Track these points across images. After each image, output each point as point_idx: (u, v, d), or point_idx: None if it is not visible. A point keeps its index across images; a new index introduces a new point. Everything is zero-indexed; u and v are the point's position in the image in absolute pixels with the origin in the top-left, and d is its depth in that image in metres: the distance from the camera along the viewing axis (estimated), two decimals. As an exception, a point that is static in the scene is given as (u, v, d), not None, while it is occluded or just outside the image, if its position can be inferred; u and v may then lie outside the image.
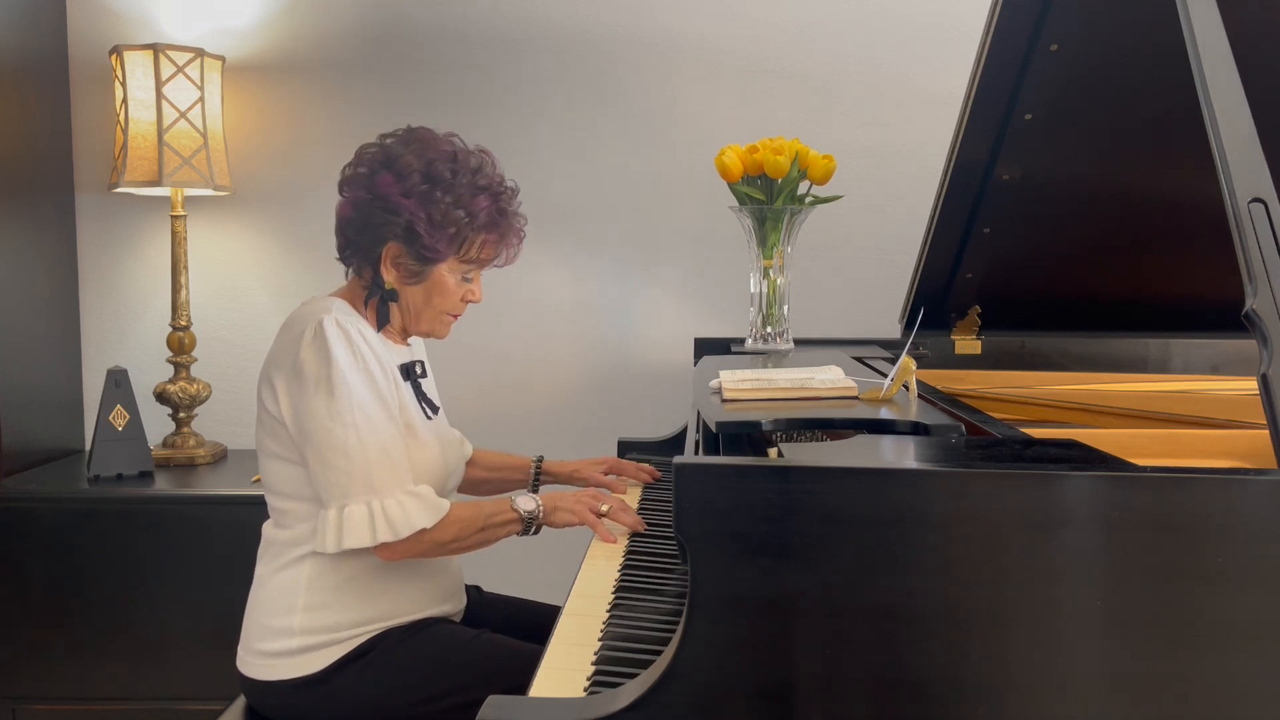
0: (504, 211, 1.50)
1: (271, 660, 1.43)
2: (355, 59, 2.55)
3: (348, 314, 1.45)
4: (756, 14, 2.53)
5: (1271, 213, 1.05)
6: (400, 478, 1.39)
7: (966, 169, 1.79)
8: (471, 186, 1.46)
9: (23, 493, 2.21)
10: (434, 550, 1.42)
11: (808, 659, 0.91)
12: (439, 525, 1.40)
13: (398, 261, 1.47)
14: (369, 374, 1.39)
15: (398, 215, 1.43)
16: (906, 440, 1.15)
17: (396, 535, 1.36)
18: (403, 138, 1.49)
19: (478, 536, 1.45)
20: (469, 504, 1.47)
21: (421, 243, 1.44)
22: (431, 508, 1.40)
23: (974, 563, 0.90)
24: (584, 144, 2.57)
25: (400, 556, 1.41)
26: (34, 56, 2.41)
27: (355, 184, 1.48)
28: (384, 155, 1.47)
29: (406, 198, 1.43)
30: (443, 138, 1.50)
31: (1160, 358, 2.03)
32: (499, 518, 1.46)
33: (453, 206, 1.44)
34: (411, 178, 1.44)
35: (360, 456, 1.36)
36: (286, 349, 1.41)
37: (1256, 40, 1.26)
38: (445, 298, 1.50)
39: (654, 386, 2.60)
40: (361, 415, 1.37)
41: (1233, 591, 0.90)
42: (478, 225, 1.47)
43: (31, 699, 2.22)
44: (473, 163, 1.48)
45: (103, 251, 2.59)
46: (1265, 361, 0.99)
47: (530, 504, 1.47)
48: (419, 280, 1.48)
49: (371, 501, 1.36)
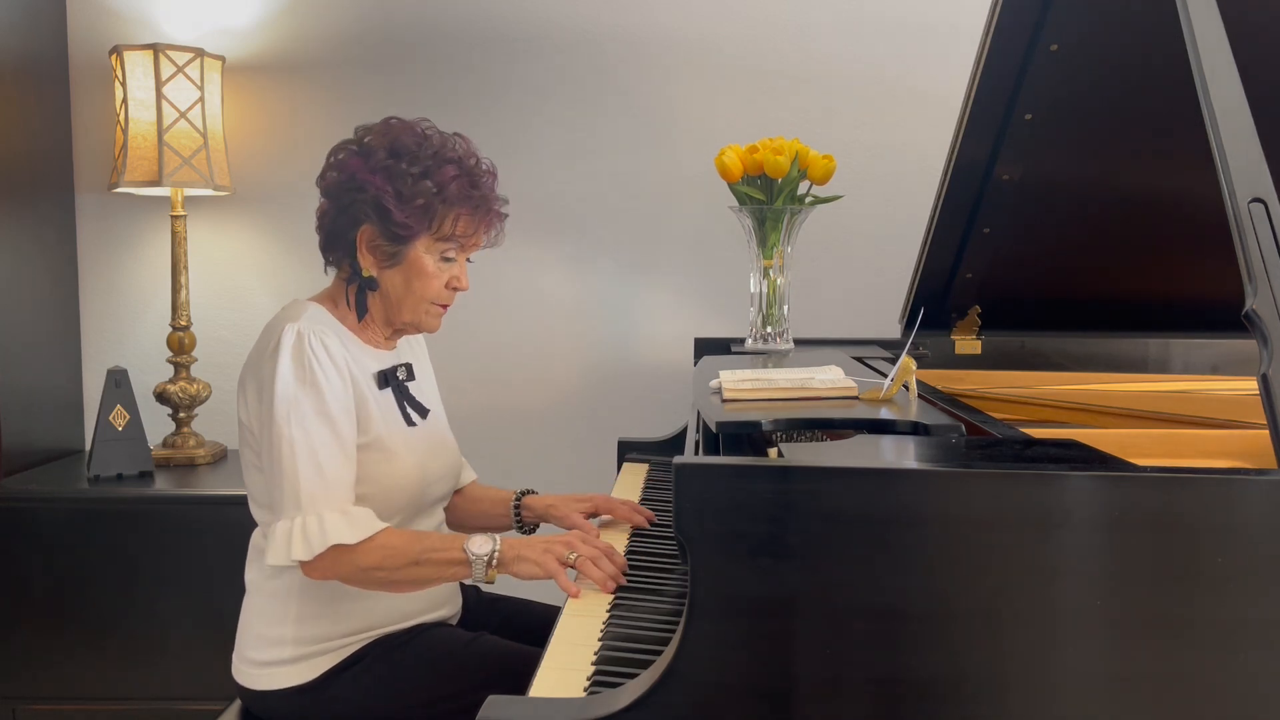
0: (475, 184, 1.46)
1: (265, 669, 1.42)
2: (355, 59, 2.55)
3: (320, 321, 1.43)
4: (756, 14, 2.53)
5: (1271, 213, 1.05)
6: (332, 496, 1.34)
7: (966, 169, 1.78)
8: (437, 158, 1.44)
9: (23, 493, 2.21)
10: (357, 576, 1.34)
11: (807, 659, 0.91)
12: (363, 547, 1.32)
13: (373, 245, 1.44)
14: (316, 387, 1.35)
15: (364, 191, 1.41)
16: (906, 440, 1.14)
17: (311, 552, 1.31)
18: (376, 127, 1.48)
19: (412, 571, 1.34)
20: (410, 532, 1.40)
21: (392, 219, 1.41)
22: (357, 526, 1.33)
23: (974, 563, 0.90)
24: (584, 144, 2.57)
25: (321, 576, 1.35)
26: (34, 56, 2.41)
27: (326, 172, 1.48)
28: (355, 144, 1.47)
29: (373, 174, 1.41)
30: (414, 122, 1.48)
31: (1160, 358, 2.02)
32: (440, 554, 1.34)
33: (419, 178, 1.42)
34: (377, 154, 1.43)
35: (291, 472, 1.33)
36: (256, 357, 1.41)
37: (1256, 40, 1.26)
38: (425, 281, 1.46)
39: (654, 386, 2.60)
40: (299, 429, 1.33)
41: (1233, 591, 0.90)
42: (447, 197, 1.43)
43: (31, 699, 2.22)
44: (439, 139, 1.47)
45: (103, 251, 2.59)
46: (1265, 361, 0.99)
47: (484, 546, 1.34)
48: (395, 262, 1.45)
49: (295, 518, 1.32)
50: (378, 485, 1.43)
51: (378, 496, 1.44)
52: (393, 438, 1.46)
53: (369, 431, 1.43)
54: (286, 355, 1.36)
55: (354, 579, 1.36)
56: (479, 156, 1.50)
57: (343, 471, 1.36)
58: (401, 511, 1.48)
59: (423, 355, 1.67)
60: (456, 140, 1.49)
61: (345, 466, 1.37)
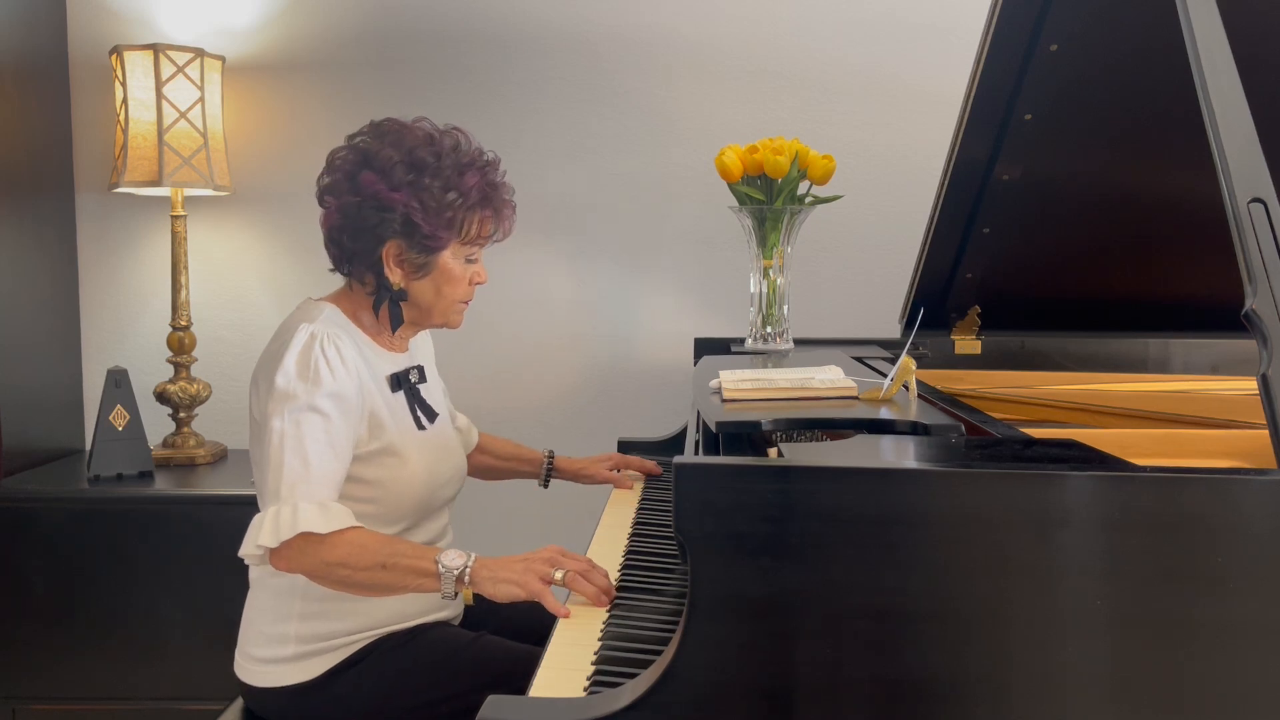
0: (493, 184, 1.47)
1: (267, 667, 1.42)
2: (355, 59, 2.55)
3: (335, 323, 1.42)
4: (756, 14, 2.53)
5: (1271, 213, 1.05)
6: (313, 488, 1.30)
7: (966, 169, 1.78)
8: (456, 166, 1.43)
9: (23, 493, 2.20)
10: (321, 570, 1.29)
11: (807, 659, 0.91)
12: (331, 539, 1.28)
13: (401, 259, 1.44)
14: (315, 384, 1.33)
15: (391, 211, 1.40)
16: (906, 440, 1.15)
17: (278, 538, 1.27)
18: (372, 133, 1.45)
19: (377, 574, 1.29)
20: (383, 536, 1.35)
21: (421, 233, 1.41)
22: (330, 517, 1.29)
23: (974, 563, 0.90)
24: (584, 144, 2.57)
25: (287, 568, 1.31)
26: (34, 56, 2.41)
27: (337, 190, 1.44)
28: (359, 155, 1.44)
29: (396, 191, 1.40)
30: (412, 124, 1.46)
31: (1160, 358, 2.03)
32: (409, 561, 1.29)
33: (443, 190, 1.41)
34: (395, 170, 1.40)
35: (277, 462, 1.31)
36: (271, 357, 1.39)
37: (1256, 40, 1.26)
38: (454, 285, 1.48)
39: (654, 386, 2.60)
40: (291, 422, 1.32)
41: (1233, 591, 0.90)
42: (471, 203, 1.44)
43: (31, 699, 2.22)
44: (449, 142, 1.45)
45: (103, 251, 2.59)
46: (1265, 361, 0.99)
47: (456, 560, 1.28)
48: (425, 273, 1.45)
49: (270, 508, 1.30)
50: (387, 490, 1.43)
51: (386, 500, 1.44)
52: (405, 442, 1.46)
53: (382, 437, 1.43)
54: (293, 353, 1.35)
55: (318, 573, 1.31)
56: (484, 151, 1.50)
57: (329, 467, 1.34)
58: (409, 516, 1.48)
59: (430, 358, 1.67)
60: (459, 137, 1.48)
61: (333, 463, 1.34)
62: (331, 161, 1.46)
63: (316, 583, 1.34)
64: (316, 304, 1.47)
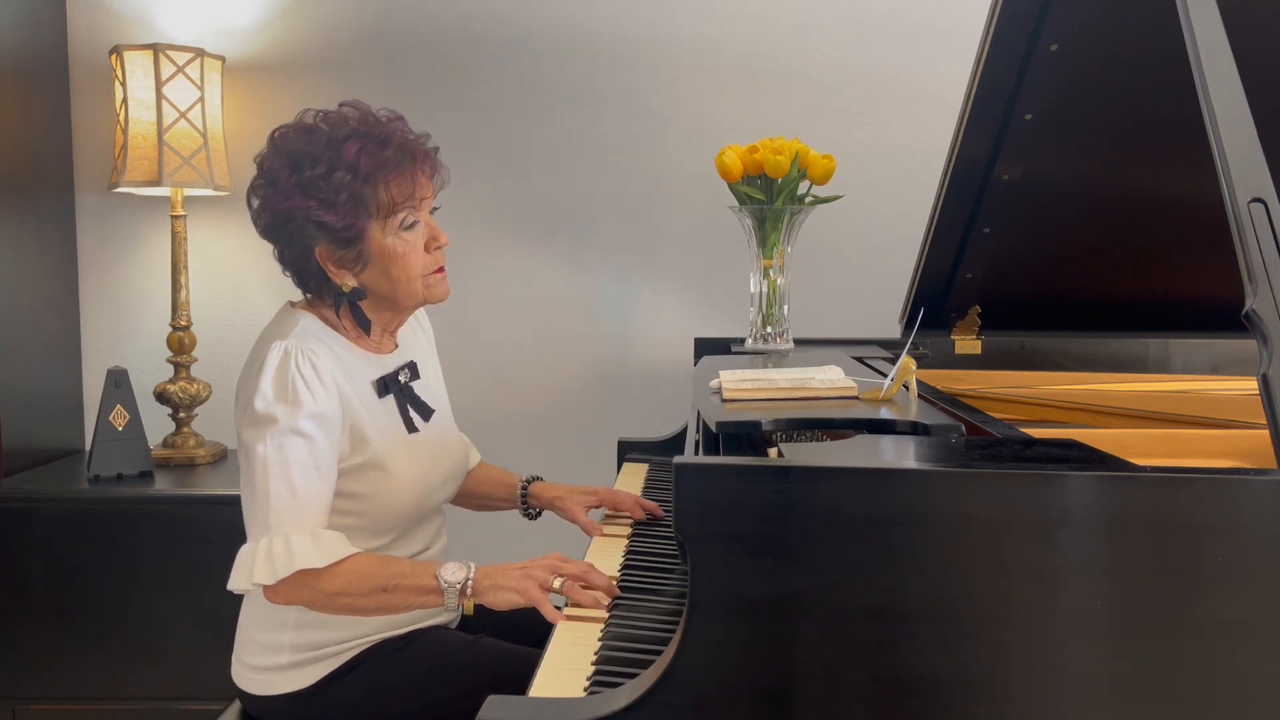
0: (384, 142, 1.36)
1: (263, 675, 1.41)
2: (355, 59, 2.55)
3: (311, 334, 1.39)
4: (756, 14, 2.53)
5: (1271, 213, 1.05)
6: (302, 518, 1.28)
7: (966, 169, 1.78)
8: (331, 143, 1.35)
9: (23, 493, 2.20)
10: (321, 601, 1.29)
11: (807, 659, 0.91)
12: (328, 572, 1.27)
13: (334, 258, 1.38)
14: (295, 405, 1.30)
15: (293, 219, 1.35)
16: (906, 440, 1.15)
17: (275, 576, 1.25)
18: (266, 146, 1.40)
19: (379, 598, 1.28)
20: (379, 557, 1.34)
21: (334, 228, 1.35)
22: (324, 549, 1.27)
23: (974, 563, 0.90)
24: (584, 144, 2.57)
25: (284, 601, 1.29)
26: (34, 56, 2.41)
27: (256, 219, 1.41)
28: (260, 175, 1.39)
29: (289, 199, 1.35)
30: (296, 121, 1.40)
31: (1160, 358, 2.02)
32: (410, 581, 1.28)
33: (329, 173, 1.33)
34: (280, 177, 1.36)
35: (264, 491, 1.28)
36: (245, 373, 1.37)
37: (1256, 40, 1.26)
38: (403, 262, 1.39)
39: (654, 386, 2.60)
40: (274, 448, 1.28)
41: (1233, 591, 0.90)
42: (363, 174, 1.34)
43: (31, 699, 2.22)
44: (324, 122, 1.38)
45: (103, 251, 2.59)
46: (1265, 361, 0.99)
47: (457, 573, 1.27)
48: (364, 263, 1.39)
49: (261, 540, 1.27)
50: (373, 503, 1.41)
51: (373, 514, 1.42)
52: (391, 453, 1.42)
53: (365, 451, 1.39)
54: (269, 374, 1.31)
55: (318, 604, 1.30)
56: (373, 113, 1.41)
57: (317, 490, 1.31)
58: (397, 527, 1.46)
59: (428, 348, 1.63)
60: (345, 111, 1.40)
61: (319, 485, 1.32)
62: (248, 194, 1.43)
63: (317, 611, 1.33)
64: (293, 312, 1.44)
